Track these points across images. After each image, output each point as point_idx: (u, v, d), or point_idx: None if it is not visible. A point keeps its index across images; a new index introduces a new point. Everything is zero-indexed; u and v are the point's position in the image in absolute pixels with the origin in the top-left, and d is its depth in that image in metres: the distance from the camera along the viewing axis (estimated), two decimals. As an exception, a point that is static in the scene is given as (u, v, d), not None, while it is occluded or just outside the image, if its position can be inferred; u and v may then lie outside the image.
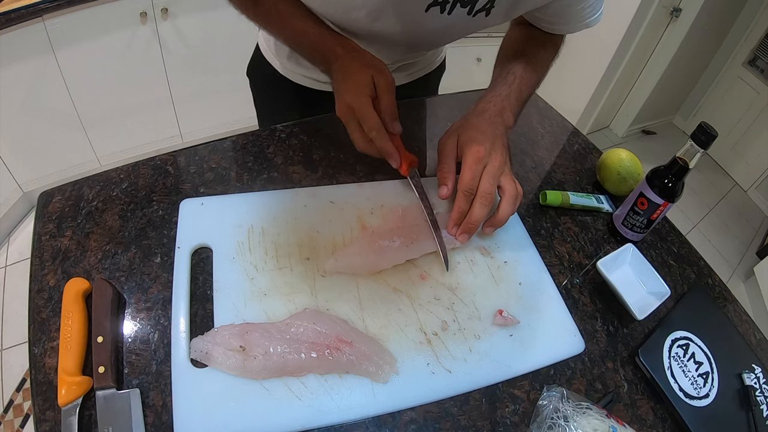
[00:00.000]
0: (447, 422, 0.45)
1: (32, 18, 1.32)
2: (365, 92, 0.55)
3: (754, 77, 2.63)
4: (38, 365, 0.43)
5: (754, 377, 0.55)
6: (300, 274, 0.52)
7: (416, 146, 0.75)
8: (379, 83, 0.55)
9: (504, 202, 0.55)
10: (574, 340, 0.53)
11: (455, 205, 0.55)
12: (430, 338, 0.49)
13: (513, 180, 0.56)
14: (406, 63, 0.80)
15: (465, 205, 0.54)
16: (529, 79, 0.65)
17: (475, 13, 0.58)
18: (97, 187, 0.58)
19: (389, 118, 0.56)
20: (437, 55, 0.88)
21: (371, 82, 0.55)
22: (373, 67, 0.56)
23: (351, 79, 0.55)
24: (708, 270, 0.68)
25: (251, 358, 0.43)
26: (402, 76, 0.82)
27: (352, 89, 0.55)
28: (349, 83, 0.55)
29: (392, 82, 0.56)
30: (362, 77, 0.55)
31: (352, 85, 0.55)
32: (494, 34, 2.38)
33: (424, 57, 0.83)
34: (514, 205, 0.55)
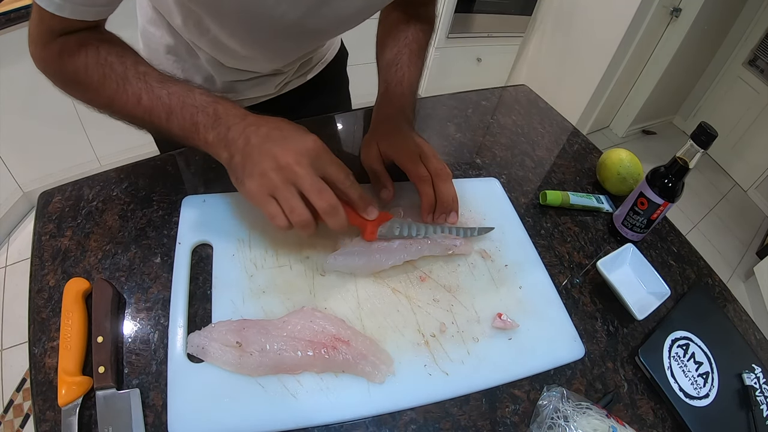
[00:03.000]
0: (447, 422, 0.45)
1: (32, 18, 1.32)
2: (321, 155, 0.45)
3: (754, 77, 2.63)
4: (38, 365, 0.43)
5: (754, 377, 0.55)
6: (299, 273, 0.52)
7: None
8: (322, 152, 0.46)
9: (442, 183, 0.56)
10: (573, 345, 0.53)
11: (420, 193, 0.55)
12: (428, 340, 0.49)
13: (442, 161, 0.57)
14: (305, 59, 0.76)
15: (429, 188, 0.55)
16: (416, 67, 0.67)
17: None
18: (97, 187, 0.58)
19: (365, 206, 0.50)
20: (332, 43, 0.85)
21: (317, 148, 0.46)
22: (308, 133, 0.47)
23: (292, 137, 0.45)
24: (708, 270, 0.68)
25: (247, 354, 0.43)
26: (304, 75, 0.80)
27: (297, 147, 0.44)
28: (291, 140, 0.44)
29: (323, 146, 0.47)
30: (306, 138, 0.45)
31: (294, 141, 0.44)
32: (494, 34, 2.39)
33: (319, 50, 0.80)
34: (451, 183, 0.56)
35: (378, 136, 0.60)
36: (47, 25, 0.44)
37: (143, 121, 0.48)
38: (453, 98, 0.88)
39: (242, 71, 0.68)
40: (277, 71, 0.72)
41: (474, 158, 0.75)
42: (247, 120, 0.46)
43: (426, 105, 0.85)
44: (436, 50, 2.30)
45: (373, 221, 0.52)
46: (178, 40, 0.64)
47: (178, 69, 0.67)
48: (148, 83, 0.47)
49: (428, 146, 0.58)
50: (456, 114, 0.84)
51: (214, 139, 0.46)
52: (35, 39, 0.46)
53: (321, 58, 0.82)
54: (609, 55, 2.22)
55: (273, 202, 0.44)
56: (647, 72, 2.56)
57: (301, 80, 0.80)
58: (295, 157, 0.44)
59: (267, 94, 0.76)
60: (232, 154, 0.46)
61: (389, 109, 0.62)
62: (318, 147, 0.45)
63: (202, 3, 0.51)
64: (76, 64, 0.46)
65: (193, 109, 0.46)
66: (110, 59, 0.46)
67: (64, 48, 0.46)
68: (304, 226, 0.45)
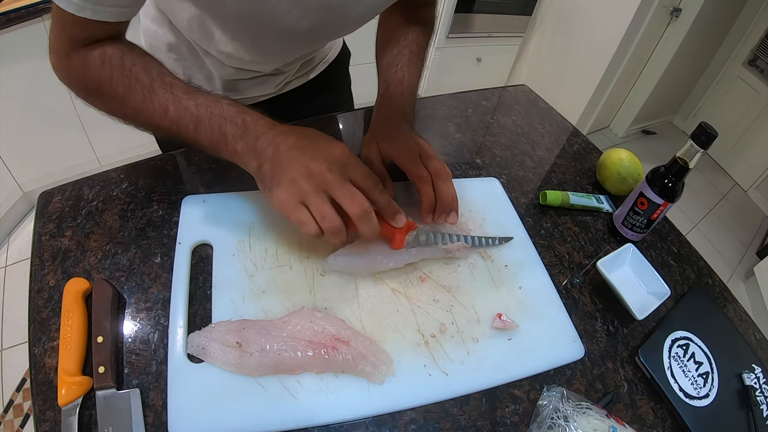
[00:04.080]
0: (447, 422, 0.45)
1: (32, 18, 1.32)
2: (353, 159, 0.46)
3: (754, 77, 2.63)
4: (38, 365, 0.43)
5: (754, 377, 0.55)
6: (299, 273, 0.52)
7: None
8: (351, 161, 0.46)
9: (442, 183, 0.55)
10: (573, 345, 0.53)
11: (420, 194, 0.55)
12: (428, 340, 0.49)
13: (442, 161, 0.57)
14: (306, 60, 0.77)
15: (429, 188, 0.55)
16: (416, 68, 0.67)
17: None
18: (97, 187, 0.58)
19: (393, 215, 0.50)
20: (335, 43, 0.85)
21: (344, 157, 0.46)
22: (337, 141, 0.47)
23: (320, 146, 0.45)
24: (708, 270, 0.68)
25: (247, 354, 0.43)
26: (305, 75, 0.80)
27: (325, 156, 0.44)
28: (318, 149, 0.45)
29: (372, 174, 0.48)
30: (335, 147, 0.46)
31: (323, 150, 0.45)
32: (494, 34, 2.39)
33: (321, 50, 0.80)
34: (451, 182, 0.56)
35: (378, 136, 0.60)
36: (68, 33, 0.44)
37: (170, 132, 0.47)
38: (453, 98, 0.88)
39: (243, 70, 0.68)
40: (278, 71, 0.72)
41: (474, 158, 0.75)
42: (275, 129, 0.46)
43: (426, 105, 0.85)
44: (436, 50, 2.30)
45: (400, 229, 0.51)
46: (179, 38, 0.64)
47: (180, 67, 0.68)
48: (174, 94, 0.46)
49: (428, 146, 0.58)
50: (456, 114, 0.84)
51: (243, 149, 0.46)
52: (56, 49, 0.45)
53: (323, 58, 0.82)
54: (609, 55, 2.22)
55: (303, 209, 0.44)
56: (647, 72, 2.56)
57: (303, 80, 0.80)
58: (325, 164, 0.44)
59: (268, 93, 0.76)
60: (261, 162, 0.46)
61: (389, 110, 0.62)
62: (347, 155, 0.46)
63: (204, 4, 0.51)
64: (101, 75, 0.46)
65: (221, 119, 0.46)
66: (135, 70, 0.46)
67: (88, 59, 0.45)
68: (335, 232, 0.44)
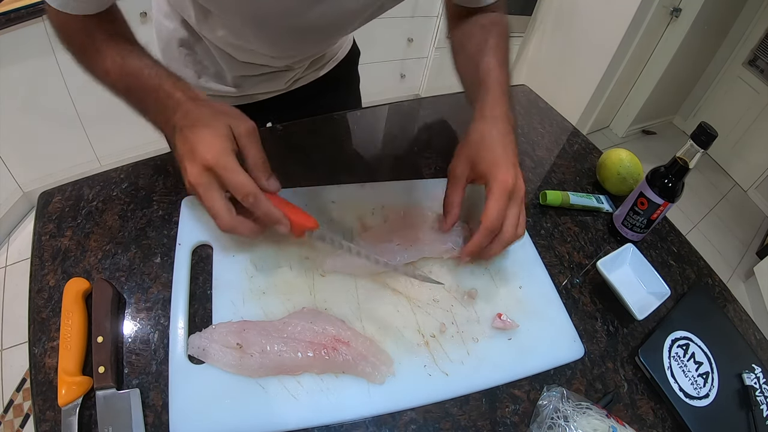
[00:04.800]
0: (447, 422, 0.45)
1: (32, 18, 1.32)
2: (227, 145, 0.43)
3: (754, 77, 2.63)
4: (38, 365, 0.43)
5: (754, 377, 0.55)
6: (299, 274, 0.52)
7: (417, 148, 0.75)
8: (239, 132, 0.44)
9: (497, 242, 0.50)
10: (573, 345, 0.53)
11: (475, 239, 0.50)
12: (428, 340, 0.49)
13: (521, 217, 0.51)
14: (316, 57, 0.77)
15: (486, 241, 0.50)
16: (506, 70, 0.61)
17: None
18: (97, 187, 0.58)
19: (263, 175, 0.45)
20: (344, 42, 0.85)
21: (230, 131, 0.44)
22: (228, 114, 0.46)
23: (203, 130, 0.43)
24: (708, 270, 0.68)
25: (248, 355, 0.43)
26: (314, 72, 0.80)
27: (208, 142, 0.42)
28: (201, 135, 0.43)
29: (255, 129, 0.46)
30: (217, 126, 0.44)
31: (207, 137, 0.43)
32: (494, 34, 2.38)
33: (331, 48, 0.80)
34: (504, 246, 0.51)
35: (481, 145, 0.53)
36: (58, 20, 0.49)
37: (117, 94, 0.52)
38: (453, 98, 0.88)
39: (253, 65, 0.68)
40: (288, 67, 0.72)
41: (474, 158, 0.75)
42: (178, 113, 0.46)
43: (426, 105, 0.85)
44: (436, 50, 2.30)
45: (303, 221, 0.48)
46: (190, 33, 0.65)
47: (190, 62, 0.68)
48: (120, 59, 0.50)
49: (524, 190, 0.51)
50: (456, 114, 0.84)
51: (162, 122, 0.49)
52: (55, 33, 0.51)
53: (333, 56, 0.82)
54: (609, 55, 2.22)
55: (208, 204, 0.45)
56: (647, 72, 2.56)
57: (312, 77, 0.80)
58: (207, 160, 0.43)
59: (278, 89, 0.76)
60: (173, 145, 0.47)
61: (494, 111, 0.55)
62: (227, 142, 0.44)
63: None
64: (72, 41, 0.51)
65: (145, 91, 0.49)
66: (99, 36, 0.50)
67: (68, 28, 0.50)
68: (230, 230, 0.45)
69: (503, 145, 0.52)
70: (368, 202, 0.60)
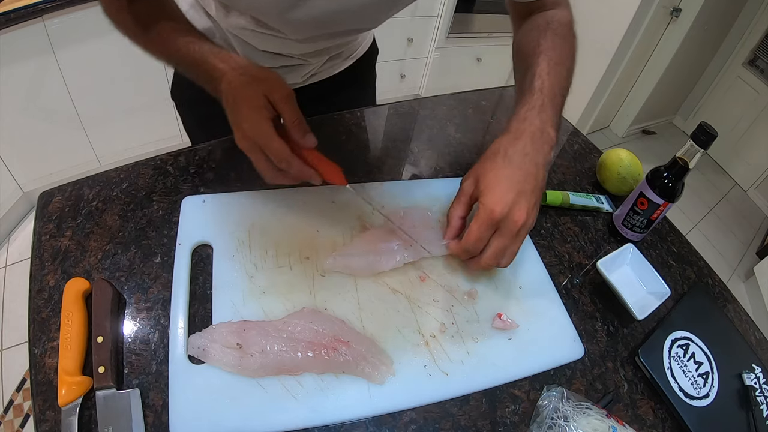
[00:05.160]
0: (447, 422, 0.45)
1: (32, 18, 1.32)
2: (263, 115, 0.47)
3: (754, 77, 2.63)
4: (38, 365, 0.43)
5: (754, 377, 0.55)
6: (299, 274, 0.52)
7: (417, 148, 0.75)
8: (274, 98, 0.48)
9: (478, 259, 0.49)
10: (573, 345, 0.53)
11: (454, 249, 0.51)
12: (428, 340, 0.49)
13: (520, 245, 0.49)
14: (335, 53, 0.77)
15: (462, 257, 0.51)
16: (558, 75, 0.54)
17: None
18: (97, 187, 0.58)
19: (299, 133, 0.49)
20: (364, 38, 0.85)
21: (266, 101, 0.48)
22: (264, 81, 0.49)
23: (242, 102, 0.48)
24: (708, 270, 0.68)
25: (248, 355, 0.43)
26: (333, 66, 0.80)
27: (247, 115, 0.48)
28: (241, 107, 0.48)
29: (290, 93, 0.49)
30: (254, 98, 0.48)
31: (245, 109, 0.48)
32: (494, 34, 2.39)
33: (350, 44, 0.80)
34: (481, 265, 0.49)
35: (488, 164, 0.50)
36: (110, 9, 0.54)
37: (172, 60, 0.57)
38: (453, 98, 0.88)
39: (272, 56, 0.68)
40: (305, 61, 0.73)
41: (474, 158, 0.75)
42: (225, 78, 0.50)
43: (426, 105, 0.85)
44: (436, 50, 2.30)
45: (335, 172, 0.51)
46: (214, 24, 0.67)
47: None
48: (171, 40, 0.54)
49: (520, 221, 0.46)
50: (456, 114, 0.84)
51: (213, 91, 0.53)
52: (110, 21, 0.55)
53: (351, 53, 0.82)
54: (609, 55, 2.22)
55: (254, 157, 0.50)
56: (647, 72, 2.56)
57: (329, 72, 0.80)
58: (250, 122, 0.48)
59: (294, 83, 0.76)
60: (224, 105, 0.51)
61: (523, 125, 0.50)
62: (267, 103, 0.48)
63: None
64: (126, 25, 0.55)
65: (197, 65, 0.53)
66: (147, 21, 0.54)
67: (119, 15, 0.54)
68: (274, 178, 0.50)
69: (515, 166, 0.48)
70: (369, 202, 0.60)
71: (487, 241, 0.48)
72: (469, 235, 0.48)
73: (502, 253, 0.48)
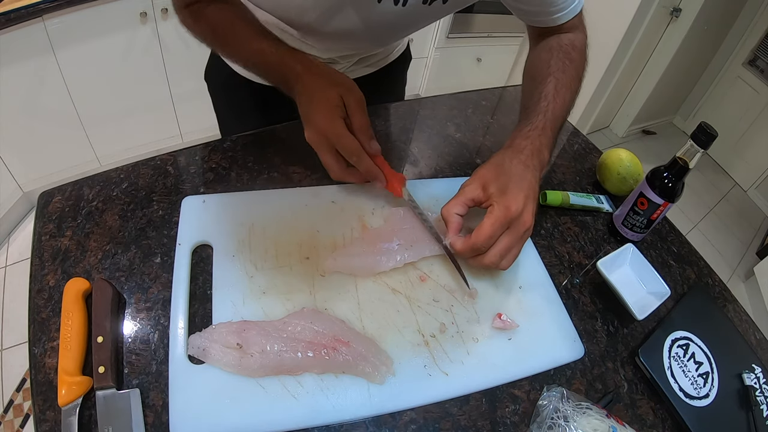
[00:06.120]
0: (447, 422, 0.45)
1: (32, 18, 1.32)
2: (337, 113, 0.51)
3: (754, 77, 2.63)
4: (38, 365, 0.43)
5: (754, 377, 0.55)
6: (299, 274, 0.52)
7: (417, 148, 0.75)
8: (349, 102, 0.52)
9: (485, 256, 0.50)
10: (573, 345, 0.53)
11: (459, 246, 0.50)
12: (428, 340, 0.49)
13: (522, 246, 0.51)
14: (364, 56, 0.78)
15: (467, 255, 0.50)
16: (563, 100, 0.59)
17: (431, 2, 0.56)
18: (97, 187, 0.58)
19: (366, 138, 0.52)
20: (398, 44, 0.86)
21: (341, 101, 0.51)
22: (341, 85, 0.53)
23: (319, 100, 0.51)
24: (708, 270, 0.68)
25: (248, 355, 0.43)
26: (362, 68, 0.81)
27: (322, 111, 0.51)
28: (317, 104, 0.51)
29: (363, 99, 0.53)
30: (331, 97, 0.51)
31: (320, 106, 0.51)
32: (494, 34, 2.39)
33: (384, 48, 0.81)
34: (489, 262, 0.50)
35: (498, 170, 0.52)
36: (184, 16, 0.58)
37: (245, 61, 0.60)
38: (453, 98, 0.88)
39: None
40: (333, 60, 0.73)
41: (474, 158, 0.75)
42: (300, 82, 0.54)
43: (426, 105, 0.85)
44: (436, 50, 2.30)
45: (396, 180, 0.57)
46: None
47: None
48: (241, 44, 0.58)
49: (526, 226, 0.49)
50: (456, 114, 0.84)
51: (287, 90, 0.56)
52: (173, 4, 0.59)
53: (383, 56, 0.82)
54: (609, 55, 2.21)
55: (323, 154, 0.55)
56: (647, 72, 2.56)
57: (358, 74, 0.80)
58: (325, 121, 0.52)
59: None
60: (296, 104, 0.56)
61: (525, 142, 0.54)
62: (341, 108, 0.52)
63: None
64: (194, 29, 0.59)
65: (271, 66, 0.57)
66: (217, 24, 0.58)
67: (187, 17, 0.58)
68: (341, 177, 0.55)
69: (520, 175, 0.51)
70: (369, 202, 0.60)
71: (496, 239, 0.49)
72: (482, 232, 0.48)
73: (506, 252, 0.49)
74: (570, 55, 0.62)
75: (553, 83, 0.59)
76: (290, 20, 0.61)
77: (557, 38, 0.64)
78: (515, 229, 0.49)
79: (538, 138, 0.54)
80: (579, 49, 0.64)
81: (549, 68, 0.60)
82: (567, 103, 0.59)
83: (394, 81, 0.91)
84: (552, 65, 0.60)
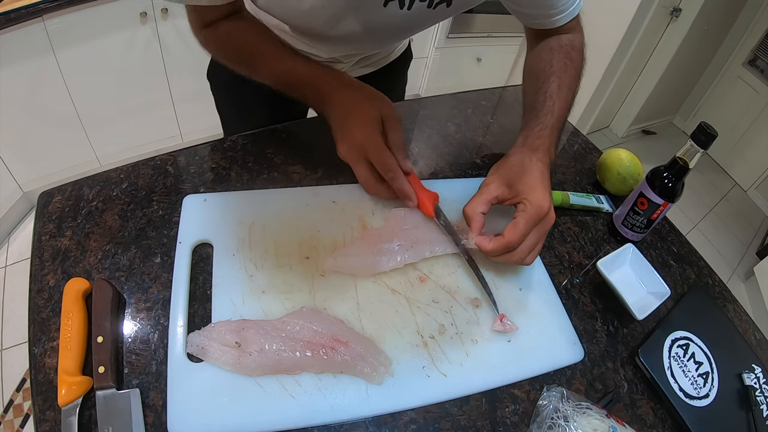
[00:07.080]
0: (447, 422, 0.45)
1: (32, 18, 1.32)
2: (376, 129, 0.51)
3: (754, 77, 2.63)
4: (38, 365, 0.43)
5: (754, 377, 0.55)
6: (299, 273, 0.51)
7: (417, 148, 0.75)
8: (386, 115, 0.52)
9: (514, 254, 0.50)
10: (573, 348, 0.53)
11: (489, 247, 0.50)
12: (427, 341, 0.49)
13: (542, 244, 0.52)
14: (366, 55, 0.79)
15: (498, 252, 0.50)
16: (566, 99, 0.60)
17: (435, 5, 0.57)
18: (97, 187, 0.58)
19: (401, 156, 0.52)
20: (400, 43, 0.86)
21: (379, 115, 0.52)
22: (379, 100, 0.53)
23: (357, 113, 0.51)
24: (708, 270, 0.68)
25: (246, 354, 0.43)
26: (364, 68, 0.81)
27: (360, 124, 0.51)
28: (355, 117, 0.51)
29: (400, 117, 0.53)
30: (369, 110, 0.51)
31: (359, 119, 0.51)
32: (494, 34, 2.39)
33: (385, 48, 0.82)
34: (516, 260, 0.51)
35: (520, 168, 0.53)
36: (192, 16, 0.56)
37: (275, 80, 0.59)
38: (453, 98, 0.88)
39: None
40: (336, 60, 0.73)
41: (474, 158, 0.75)
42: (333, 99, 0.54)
43: (426, 105, 0.85)
44: (436, 50, 2.30)
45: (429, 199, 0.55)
46: None
47: None
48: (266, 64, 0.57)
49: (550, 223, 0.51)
50: (456, 114, 0.84)
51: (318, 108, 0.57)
52: (191, 25, 0.58)
53: (384, 56, 0.83)
54: (609, 55, 2.22)
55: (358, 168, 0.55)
56: (647, 72, 2.56)
57: (359, 72, 0.80)
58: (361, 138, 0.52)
59: None
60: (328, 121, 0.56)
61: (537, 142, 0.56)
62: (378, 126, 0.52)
63: None
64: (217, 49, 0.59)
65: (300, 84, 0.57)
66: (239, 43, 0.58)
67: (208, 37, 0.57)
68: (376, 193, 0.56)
69: (541, 173, 0.53)
70: (370, 202, 0.60)
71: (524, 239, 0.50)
72: (516, 230, 0.49)
73: (533, 247, 0.50)
74: (570, 55, 0.63)
75: (557, 83, 0.60)
76: (296, 25, 0.62)
77: (557, 39, 0.65)
78: (543, 226, 0.50)
79: (549, 137, 0.56)
80: (578, 49, 0.65)
81: (551, 68, 0.61)
82: (569, 102, 0.61)
83: (395, 80, 0.91)
84: (554, 65, 0.61)
